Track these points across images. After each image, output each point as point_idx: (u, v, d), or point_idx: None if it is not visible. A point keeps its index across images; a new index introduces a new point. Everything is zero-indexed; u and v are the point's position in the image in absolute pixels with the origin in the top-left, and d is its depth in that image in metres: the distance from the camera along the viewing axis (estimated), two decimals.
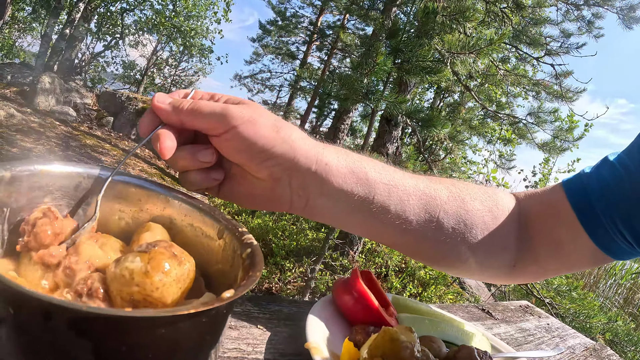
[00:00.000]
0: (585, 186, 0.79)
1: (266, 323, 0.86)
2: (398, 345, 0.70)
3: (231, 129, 0.64)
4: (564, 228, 0.80)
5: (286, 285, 5.06)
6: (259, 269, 0.52)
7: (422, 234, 0.77)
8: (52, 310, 0.36)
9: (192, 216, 0.66)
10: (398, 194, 0.74)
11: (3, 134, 7.00)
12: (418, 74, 3.16)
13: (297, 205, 0.73)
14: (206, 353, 0.47)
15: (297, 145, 0.67)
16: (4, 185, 0.54)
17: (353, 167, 0.71)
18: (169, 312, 0.40)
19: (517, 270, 0.86)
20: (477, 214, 0.79)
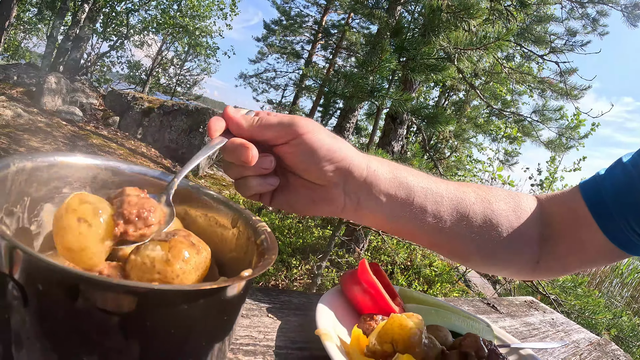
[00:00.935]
0: (600, 187, 0.85)
1: (276, 312, 0.88)
2: (407, 331, 0.72)
3: (298, 136, 0.69)
4: (583, 227, 0.85)
5: (292, 282, 5.07)
6: (274, 252, 0.54)
7: (455, 232, 0.83)
8: (81, 284, 0.38)
9: (206, 207, 0.68)
10: (433, 196, 0.81)
11: (10, 133, 7.03)
12: (423, 71, 3.16)
13: (349, 208, 0.78)
14: (223, 333, 0.49)
15: (351, 154, 0.74)
16: (25, 175, 0.55)
17: (395, 173, 0.79)
18: (195, 286, 0.42)
19: (540, 266, 0.91)
20: (502, 214, 0.86)
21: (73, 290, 0.38)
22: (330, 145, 0.72)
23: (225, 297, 0.45)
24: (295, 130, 0.69)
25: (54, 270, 0.38)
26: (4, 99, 8.31)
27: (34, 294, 0.39)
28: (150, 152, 9.33)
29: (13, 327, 0.41)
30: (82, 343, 0.40)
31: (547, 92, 6.80)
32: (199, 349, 0.46)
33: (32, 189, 0.56)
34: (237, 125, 0.70)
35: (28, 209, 0.56)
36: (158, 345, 0.42)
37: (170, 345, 0.42)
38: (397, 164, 0.82)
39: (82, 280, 0.38)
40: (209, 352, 0.47)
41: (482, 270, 0.97)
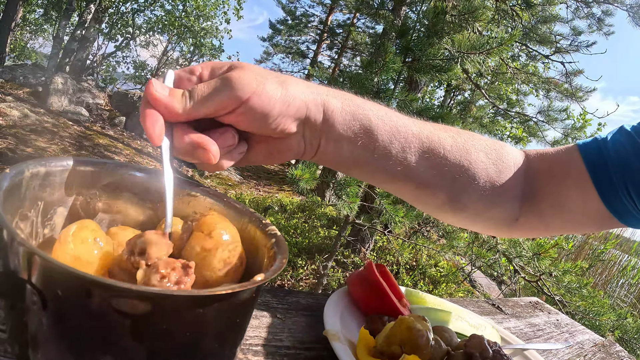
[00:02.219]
0: (602, 149, 0.80)
1: (285, 313, 0.89)
2: (415, 334, 0.73)
3: (242, 103, 0.60)
4: (574, 186, 0.81)
5: (298, 282, 5.08)
6: (285, 256, 0.55)
7: (424, 181, 0.77)
8: (98, 289, 0.39)
9: (216, 210, 0.69)
10: (400, 140, 0.73)
11: (17, 133, 7.06)
12: (428, 72, 3.16)
13: (308, 153, 0.72)
14: (235, 335, 0.50)
15: (306, 97, 0.66)
16: (39, 180, 0.56)
17: (355, 112, 0.71)
18: (209, 291, 0.43)
19: (519, 224, 0.87)
20: (481, 166, 0.80)
21: (90, 295, 0.39)
22: (282, 99, 0.63)
23: (238, 301, 0.47)
24: (237, 95, 0.59)
25: (72, 276, 0.39)
26: (10, 100, 8.35)
27: (53, 299, 0.40)
28: (157, 152, 9.31)
29: (30, 330, 0.42)
30: (99, 345, 0.41)
31: (553, 92, 6.79)
32: (211, 350, 0.47)
33: (45, 193, 0.57)
34: (169, 111, 0.59)
35: (42, 213, 0.57)
36: (172, 347, 0.43)
37: (185, 347, 0.43)
38: (363, 100, 0.74)
39: (99, 286, 0.39)
40: (221, 354, 0.48)
41: (453, 223, 0.90)
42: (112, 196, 0.66)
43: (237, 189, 9.40)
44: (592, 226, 0.85)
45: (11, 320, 0.46)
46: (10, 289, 0.41)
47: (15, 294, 0.41)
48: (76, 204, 0.62)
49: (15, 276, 0.41)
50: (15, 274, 0.41)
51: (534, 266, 3.73)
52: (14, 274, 0.42)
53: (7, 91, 8.88)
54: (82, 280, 0.39)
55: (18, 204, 0.52)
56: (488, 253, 4.25)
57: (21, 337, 0.43)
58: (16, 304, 0.43)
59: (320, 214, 7.46)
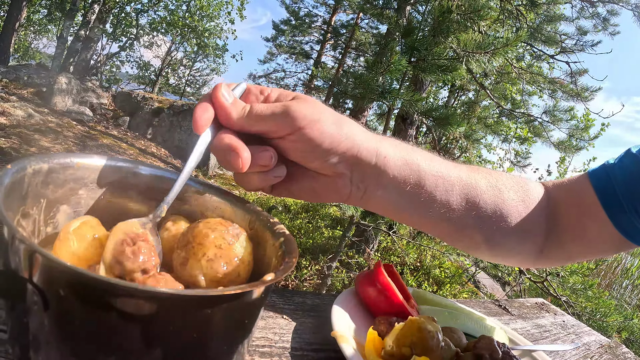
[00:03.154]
0: (610, 175, 0.82)
1: (291, 314, 0.88)
2: (425, 335, 0.72)
3: (296, 130, 0.62)
4: (589, 216, 0.83)
5: (302, 282, 5.08)
6: (294, 255, 0.54)
7: (463, 221, 0.79)
8: (103, 288, 0.38)
9: (223, 208, 0.68)
10: (444, 184, 0.75)
11: (22, 133, 7.08)
12: (433, 72, 3.15)
13: (354, 197, 0.73)
14: (243, 336, 0.49)
15: (359, 140, 0.67)
16: (42, 177, 0.55)
17: (407, 159, 0.72)
18: (218, 291, 0.42)
19: (544, 255, 0.89)
20: (512, 204, 0.82)
21: (94, 295, 0.38)
22: (334, 136, 0.64)
23: (247, 301, 0.46)
24: (292, 123, 0.61)
25: (75, 275, 0.38)
26: (15, 99, 8.37)
27: (55, 298, 0.39)
28: (160, 152, 9.37)
29: (32, 330, 0.41)
30: (102, 347, 0.40)
31: (558, 92, 6.78)
32: (220, 352, 0.46)
33: (48, 190, 0.56)
34: (225, 116, 0.61)
35: (44, 211, 0.56)
36: (180, 349, 0.42)
37: (192, 349, 0.42)
38: (411, 147, 0.76)
39: (103, 285, 0.38)
40: (229, 355, 0.47)
41: (486, 258, 0.94)
42: (117, 194, 0.65)
43: (241, 189, 9.40)
44: (609, 251, 0.88)
45: (12, 321, 0.45)
46: (10, 288, 0.40)
47: (16, 293, 0.40)
48: (80, 202, 0.61)
49: (16, 275, 0.40)
50: (16, 273, 0.40)
51: None
52: (15, 273, 0.40)
53: (11, 91, 8.90)
54: (85, 279, 0.38)
55: (20, 201, 0.51)
56: None
57: (22, 338, 0.42)
58: (17, 304, 0.42)
59: (324, 214, 7.46)
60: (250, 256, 0.58)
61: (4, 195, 0.45)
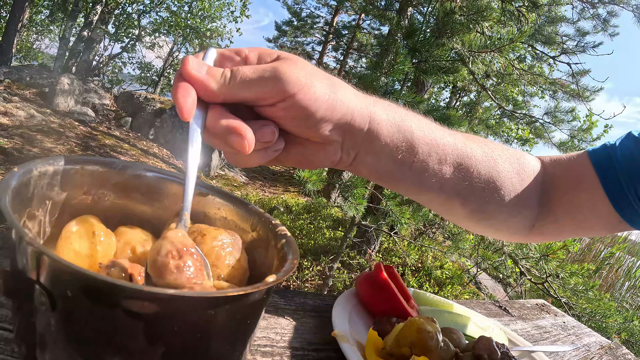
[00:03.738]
0: (610, 154, 0.82)
1: (292, 314, 0.89)
2: (425, 335, 0.73)
3: (288, 97, 0.56)
4: (586, 192, 0.83)
5: (304, 283, 5.08)
6: (295, 257, 0.55)
7: (455, 191, 0.77)
8: (109, 289, 0.38)
9: (226, 209, 0.69)
10: (437, 152, 0.73)
11: (24, 134, 7.08)
12: (435, 73, 3.16)
13: (344, 162, 0.70)
14: (246, 337, 0.50)
15: (353, 105, 0.63)
16: (48, 179, 0.56)
17: (400, 125, 0.69)
18: (221, 292, 0.42)
19: (535, 229, 0.89)
20: (507, 175, 0.81)
21: (100, 296, 0.39)
22: (328, 102, 0.60)
23: (249, 302, 0.46)
24: (284, 88, 0.56)
25: (82, 277, 0.38)
26: (17, 100, 8.37)
27: (62, 299, 0.39)
28: (162, 152, 9.37)
29: (38, 330, 0.41)
30: (108, 347, 0.40)
31: (559, 93, 6.78)
32: (222, 352, 0.47)
33: (53, 192, 0.57)
34: (204, 89, 0.55)
35: (50, 213, 0.57)
36: (184, 349, 0.42)
37: (196, 349, 0.43)
38: (405, 111, 0.72)
39: (109, 287, 0.39)
40: (232, 355, 0.48)
41: (474, 230, 0.92)
42: (121, 196, 0.66)
43: (243, 190, 9.40)
44: (603, 230, 0.87)
45: (18, 321, 0.45)
46: (17, 289, 0.41)
47: (23, 294, 0.41)
48: (85, 204, 0.62)
49: (23, 276, 0.41)
50: (23, 273, 0.41)
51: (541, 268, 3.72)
52: (22, 273, 0.41)
53: (13, 91, 8.90)
54: (92, 281, 0.38)
55: (26, 203, 0.52)
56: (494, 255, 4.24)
57: (28, 337, 0.43)
58: (24, 304, 0.42)
59: (325, 215, 7.46)
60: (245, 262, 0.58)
61: (12, 197, 0.46)
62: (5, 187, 0.46)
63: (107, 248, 0.56)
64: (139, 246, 0.59)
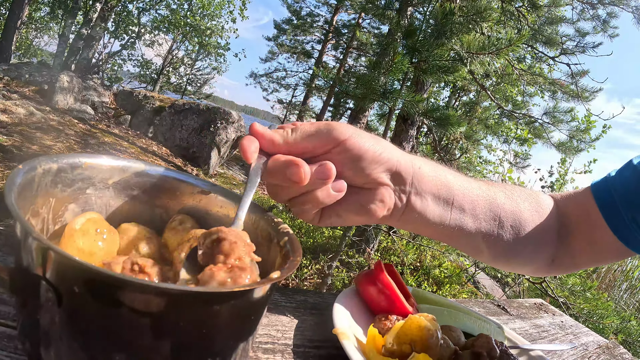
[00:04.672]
0: (610, 188, 0.87)
1: (293, 312, 0.89)
2: (425, 333, 0.73)
3: (340, 143, 0.66)
4: (595, 227, 0.87)
5: (303, 281, 5.08)
6: (298, 254, 0.55)
7: (489, 231, 0.83)
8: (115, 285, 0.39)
9: (228, 207, 0.69)
10: (470, 197, 0.80)
11: (23, 131, 7.06)
12: (435, 73, 3.16)
13: (398, 208, 0.76)
14: (249, 333, 0.50)
15: (396, 153, 0.72)
16: (51, 177, 0.56)
17: (437, 172, 0.78)
18: (226, 289, 0.43)
19: (555, 264, 0.93)
20: (528, 213, 0.86)
21: (107, 291, 0.39)
22: (374, 148, 0.69)
23: (253, 299, 0.46)
24: (336, 136, 0.65)
25: (88, 272, 0.39)
26: (16, 97, 8.36)
27: (68, 295, 0.39)
28: (162, 150, 9.36)
29: (43, 327, 0.42)
30: (114, 342, 0.40)
31: (558, 93, 6.78)
32: (226, 348, 0.47)
33: (57, 189, 0.57)
34: (271, 142, 0.65)
35: (53, 210, 0.57)
36: (189, 344, 0.43)
37: (200, 344, 0.43)
38: (436, 163, 0.81)
39: (116, 282, 0.39)
40: (235, 351, 0.48)
41: (505, 268, 0.98)
42: (123, 194, 0.66)
43: (242, 188, 9.36)
44: (613, 258, 0.92)
45: (22, 317, 0.45)
46: (23, 285, 0.41)
47: (28, 290, 0.41)
48: (88, 201, 0.62)
49: (28, 272, 0.41)
50: (28, 270, 0.41)
51: None
52: (27, 270, 0.41)
53: (12, 89, 8.89)
54: (99, 276, 0.39)
55: (30, 201, 0.52)
56: None
57: (33, 334, 0.43)
58: (28, 300, 0.43)
59: None
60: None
61: (17, 194, 0.46)
62: (11, 185, 0.46)
63: (111, 246, 0.56)
64: (142, 244, 0.59)
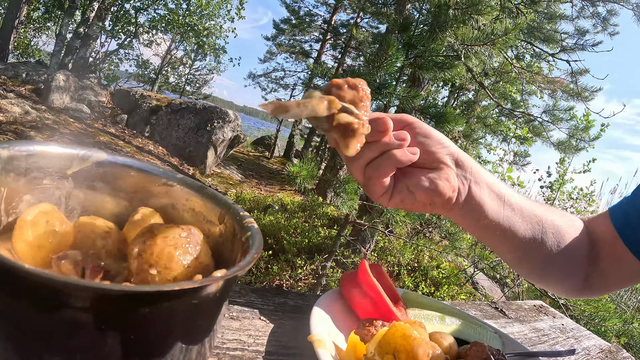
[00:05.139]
0: (625, 209, 0.90)
1: (270, 315, 0.83)
2: (410, 342, 0.67)
3: (410, 123, 0.75)
4: (618, 248, 0.89)
5: (297, 282, 5.05)
6: (257, 250, 0.51)
7: (534, 236, 0.85)
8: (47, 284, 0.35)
9: (194, 201, 0.66)
10: (515, 197, 0.85)
11: (17, 130, 7.06)
12: (431, 69, 3.13)
13: (461, 192, 0.79)
14: (200, 338, 0.46)
15: (453, 144, 0.78)
16: (2, 164, 0.52)
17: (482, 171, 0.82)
18: (161, 287, 0.39)
19: (587, 283, 0.94)
20: (566, 230, 0.89)
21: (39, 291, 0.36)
22: (438, 132, 0.77)
23: (199, 299, 0.42)
24: (405, 118, 0.75)
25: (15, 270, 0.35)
26: (12, 96, 8.36)
27: None
28: (158, 150, 9.36)
29: None
30: (48, 345, 0.37)
31: (558, 92, 6.76)
32: (175, 352, 0.43)
33: (9, 178, 0.54)
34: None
35: (5, 200, 0.54)
36: (130, 347, 0.39)
37: (144, 347, 0.40)
38: None
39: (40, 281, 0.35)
40: (187, 356, 0.45)
41: (538, 283, 0.99)
42: (83, 185, 0.63)
43: (239, 188, 9.39)
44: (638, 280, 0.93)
45: None
46: None
47: None
48: (44, 192, 0.59)
49: None
50: None
51: None
52: None
53: (9, 88, 8.90)
54: (28, 274, 0.35)
55: None
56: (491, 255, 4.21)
57: None
58: None
59: (321, 213, 7.43)
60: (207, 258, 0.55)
61: None
62: None
63: (63, 239, 0.53)
64: (99, 238, 0.56)
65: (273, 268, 5.06)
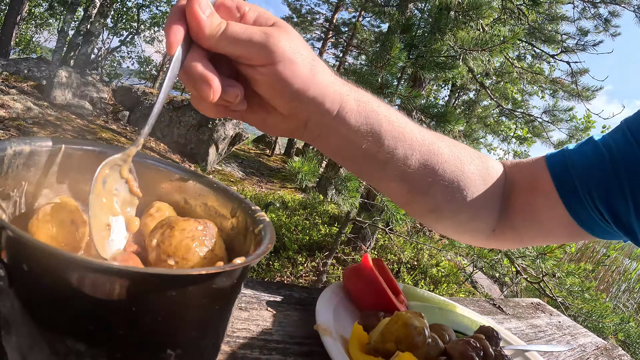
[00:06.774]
0: (567, 160, 0.80)
1: (276, 306, 0.86)
2: (411, 331, 0.70)
3: (269, 65, 0.58)
4: (542, 198, 0.82)
5: (298, 279, 5.07)
6: (271, 241, 0.53)
7: (417, 186, 0.77)
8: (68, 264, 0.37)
9: (206, 196, 0.67)
10: (404, 145, 0.73)
11: (20, 126, 7.07)
12: (432, 69, 3.14)
13: (307, 137, 0.71)
14: (214, 326, 0.48)
15: (328, 90, 0.65)
16: (23, 159, 0.54)
17: (370, 115, 0.70)
18: (180, 272, 0.41)
19: (495, 234, 0.88)
20: (471, 177, 0.80)
21: (60, 271, 0.37)
22: (305, 81, 0.61)
23: (216, 285, 0.44)
24: (268, 56, 0.58)
25: (41, 251, 0.36)
26: (14, 92, 8.36)
27: (19, 274, 0.38)
28: (159, 146, 9.35)
29: (2, 313, 0.40)
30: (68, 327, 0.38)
31: (559, 92, 6.77)
32: (189, 339, 0.45)
33: (30, 173, 0.56)
34: (197, 30, 0.56)
35: (26, 194, 0.56)
36: (145, 332, 0.41)
37: (158, 333, 0.41)
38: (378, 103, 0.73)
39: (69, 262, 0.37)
40: (200, 344, 0.46)
41: (434, 229, 0.91)
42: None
43: (240, 185, 9.40)
44: (563, 238, 0.86)
45: None
46: None
47: None
48: (63, 187, 0.61)
49: None
50: None
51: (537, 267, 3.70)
52: None
53: (11, 84, 8.89)
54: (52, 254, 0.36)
55: None
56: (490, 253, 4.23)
57: None
58: None
59: (322, 211, 7.45)
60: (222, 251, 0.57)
61: None
62: None
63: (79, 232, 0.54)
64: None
65: (274, 264, 5.09)
